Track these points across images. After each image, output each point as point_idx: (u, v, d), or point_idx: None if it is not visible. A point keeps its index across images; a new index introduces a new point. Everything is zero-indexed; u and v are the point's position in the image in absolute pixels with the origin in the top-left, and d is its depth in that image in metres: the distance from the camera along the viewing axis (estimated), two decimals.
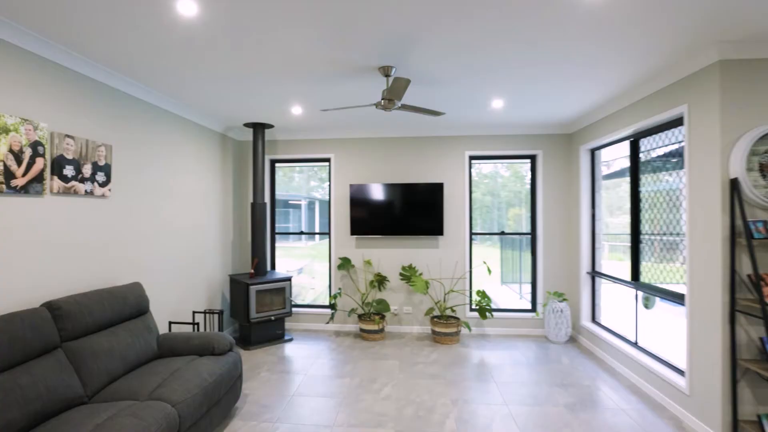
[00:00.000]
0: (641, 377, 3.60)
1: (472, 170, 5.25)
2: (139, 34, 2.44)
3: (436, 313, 5.14)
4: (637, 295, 3.91)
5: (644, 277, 3.84)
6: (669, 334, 3.88)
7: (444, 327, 4.69)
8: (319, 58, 2.84)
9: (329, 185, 5.34)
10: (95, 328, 2.64)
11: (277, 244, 5.59)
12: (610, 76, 3.21)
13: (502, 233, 5.24)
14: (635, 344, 3.89)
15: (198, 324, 3.63)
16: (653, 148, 3.73)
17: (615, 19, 2.29)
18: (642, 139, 3.87)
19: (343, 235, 5.30)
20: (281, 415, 3.11)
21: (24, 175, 2.40)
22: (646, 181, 3.83)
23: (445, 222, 5.14)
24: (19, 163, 2.37)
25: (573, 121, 4.72)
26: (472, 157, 5.22)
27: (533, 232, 5.18)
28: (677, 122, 3.26)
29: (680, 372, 3.26)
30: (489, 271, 4.77)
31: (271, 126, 4.86)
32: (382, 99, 3.07)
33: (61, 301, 2.48)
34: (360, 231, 5.13)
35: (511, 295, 6.01)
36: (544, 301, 5.06)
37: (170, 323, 3.65)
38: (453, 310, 4.95)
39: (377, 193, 5.09)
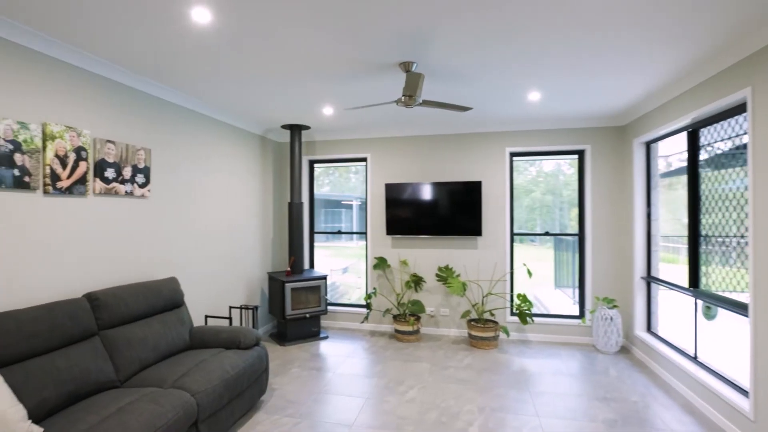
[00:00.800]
0: (699, 396, 3.25)
1: (517, 168, 5.04)
2: (168, 44, 2.61)
3: (474, 316, 4.99)
4: (696, 304, 3.52)
5: (706, 284, 3.45)
6: (733, 349, 3.46)
7: (481, 331, 4.54)
8: (338, 58, 2.87)
9: (366, 185, 5.39)
10: (130, 318, 2.87)
11: (328, 244, 5.75)
12: (665, 57, 2.88)
13: (546, 234, 4.96)
14: (694, 358, 3.51)
15: (231, 318, 3.81)
16: (716, 140, 3.34)
17: None
18: (702, 130, 3.48)
19: (380, 235, 5.31)
20: (304, 411, 3.18)
21: (68, 177, 2.67)
22: (708, 177, 3.44)
23: (483, 222, 4.98)
24: (64, 166, 2.64)
25: (624, 111, 4.36)
26: (513, 154, 5.01)
27: (581, 233, 4.85)
28: (740, 109, 2.90)
29: (744, 392, 2.89)
30: (529, 273, 4.54)
31: (307, 127, 5.00)
32: (402, 96, 3.04)
33: (99, 292, 2.73)
34: (396, 231, 5.11)
35: (565, 300, 5.68)
36: (592, 307, 4.73)
37: (206, 317, 3.89)
38: (492, 314, 4.77)
39: (413, 192, 5.05)
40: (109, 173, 2.97)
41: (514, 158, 5.03)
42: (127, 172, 3.12)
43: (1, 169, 2.28)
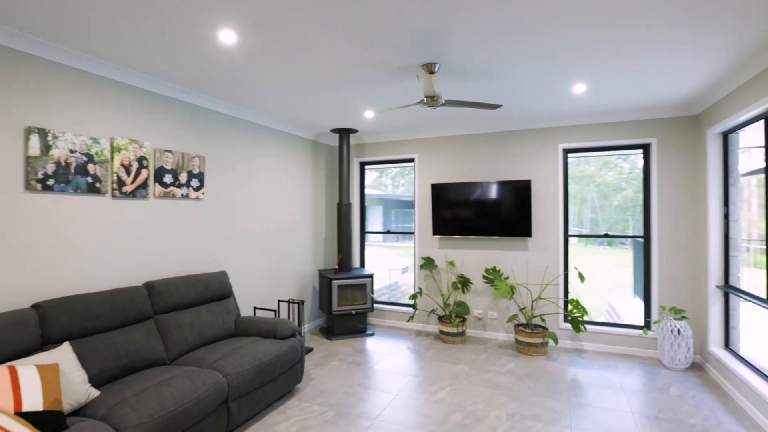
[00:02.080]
0: None
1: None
2: (206, 62, 3.02)
3: (522, 320, 4.87)
4: None
5: None
6: None
7: (528, 336, 4.43)
8: (363, 64, 3.05)
9: (414, 185, 5.52)
10: (181, 306, 3.35)
11: (397, 244, 6.00)
12: (739, 30, 2.54)
13: (606, 235, 4.66)
14: None
15: (276, 311, 4.21)
16: None
17: None
18: None
19: (427, 235, 5.41)
20: (334, 401, 3.43)
21: (132, 183, 3.21)
22: None
23: (533, 222, 4.83)
24: (128, 173, 3.18)
25: (696, 98, 3.96)
26: (567, 151, 4.79)
27: (646, 235, 4.49)
28: None
29: None
30: (581, 278, 4.32)
31: (355, 131, 5.27)
32: (424, 97, 3.15)
33: (156, 282, 3.24)
34: (442, 231, 5.17)
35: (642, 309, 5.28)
36: (657, 317, 4.36)
37: (255, 308, 4.33)
38: (542, 319, 4.62)
39: (459, 192, 5.06)
40: (167, 178, 3.49)
41: (569, 155, 4.81)
42: (183, 177, 3.63)
43: (78, 178, 2.84)
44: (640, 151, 4.53)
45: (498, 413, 3.25)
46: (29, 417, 1.91)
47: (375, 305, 5.77)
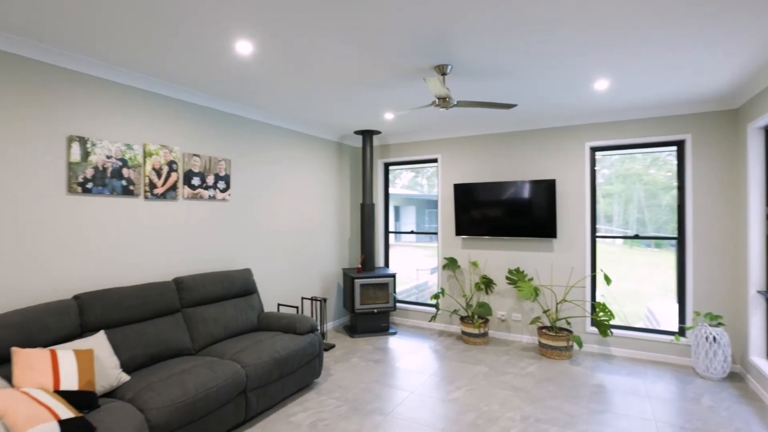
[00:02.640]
0: None
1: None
2: (228, 70, 3.26)
3: (546, 323, 4.83)
4: None
5: None
6: None
7: (551, 339, 4.40)
8: (376, 67, 3.18)
9: (437, 185, 5.58)
10: (207, 300, 3.62)
11: (431, 245, 6.13)
12: None
13: (636, 237, 4.53)
14: None
15: (298, 308, 4.42)
16: None
17: None
18: None
19: (450, 236, 5.46)
20: (350, 396, 3.59)
21: (163, 185, 3.51)
22: None
23: (558, 223, 4.78)
24: (159, 177, 3.48)
25: (734, 91, 3.79)
26: (594, 149, 4.69)
27: (680, 236, 4.33)
28: None
29: None
30: (608, 280, 4.24)
31: (378, 132, 5.41)
32: (436, 98, 3.23)
33: (184, 277, 3.53)
34: (465, 231, 5.21)
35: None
36: (692, 323, 4.19)
37: (279, 305, 4.56)
38: (568, 323, 4.57)
39: (482, 192, 5.09)
40: (195, 181, 3.78)
41: (597, 153, 4.71)
42: (210, 180, 3.91)
43: (113, 181, 3.16)
44: (674, 148, 4.37)
45: (512, 415, 3.29)
46: (65, 395, 2.19)
47: (398, 305, 5.90)
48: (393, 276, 5.23)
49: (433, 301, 5.76)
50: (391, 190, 6.14)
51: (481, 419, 3.22)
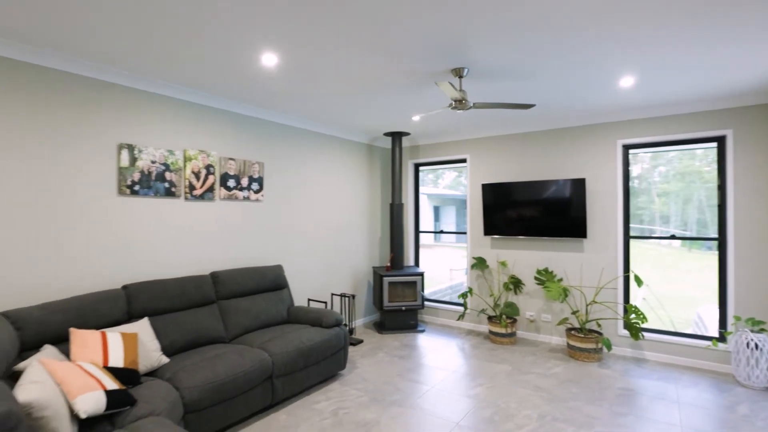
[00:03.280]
0: None
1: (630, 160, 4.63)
2: (257, 81, 3.58)
3: (576, 324, 4.81)
4: None
5: None
6: None
7: (579, 341, 4.40)
8: (398, 72, 3.37)
9: (466, 185, 5.68)
10: (241, 293, 3.97)
11: (464, 245, 6.27)
12: None
13: (673, 237, 4.42)
14: None
15: (326, 303, 4.70)
16: None
17: None
18: None
19: (478, 236, 5.55)
20: (372, 388, 3.81)
21: (201, 187, 3.89)
22: None
23: (589, 222, 4.75)
24: (197, 179, 3.86)
25: None
26: (627, 147, 4.62)
27: (721, 237, 4.19)
28: None
29: None
30: (639, 282, 4.18)
31: (407, 133, 5.60)
32: (452, 101, 3.38)
33: (220, 272, 3.89)
34: (493, 231, 5.29)
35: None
36: (732, 329, 4.05)
37: (309, 300, 4.86)
38: (598, 324, 4.54)
39: (510, 191, 5.14)
40: (231, 183, 4.14)
41: (631, 151, 4.63)
42: (244, 182, 4.27)
43: (157, 183, 3.56)
44: (714, 144, 4.23)
45: (529, 413, 3.37)
46: (112, 370, 2.56)
47: (427, 303, 6.06)
48: (421, 274, 5.40)
49: (461, 300, 5.87)
50: (433, 190, 6.31)
51: (498, 415, 3.33)
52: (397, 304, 5.33)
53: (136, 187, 3.42)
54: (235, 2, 2.28)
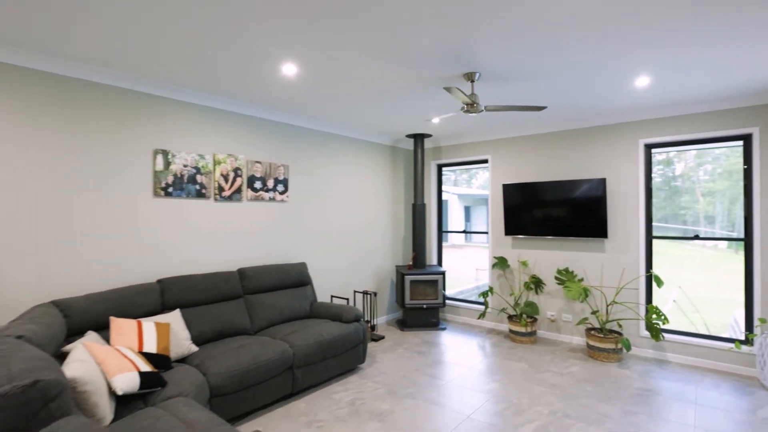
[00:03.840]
0: None
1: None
2: (281, 88, 3.82)
3: (596, 324, 4.79)
4: None
5: None
6: None
7: (599, 341, 4.40)
8: (412, 78, 3.53)
9: (489, 186, 5.74)
10: (266, 289, 4.22)
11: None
12: None
13: (696, 237, 4.34)
14: None
15: (348, 299, 4.90)
16: None
17: None
18: None
19: (500, 235, 5.61)
20: (389, 381, 3.97)
21: (229, 189, 4.17)
22: None
23: (609, 222, 4.73)
24: (226, 181, 4.15)
25: None
26: (649, 146, 4.57)
27: (747, 237, 4.09)
28: None
29: None
30: (659, 282, 4.15)
31: (429, 135, 5.73)
32: (463, 104, 3.50)
33: (246, 268, 4.16)
34: (514, 231, 5.34)
35: None
36: (757, 331, 3.95)
37: (332, 296, 5.08)
38: (619, 325, 4.52)
39: (530, 192, 5.18)
40: (257, 184, 4.41)
41: (653, 150, 4.58)
42: (270, 183, 4.53)
43: (189, 186, 3.87)
44: (739, 143, 4.14)
45: (540, 409, 3.45)
46: (146, 355, 2.84)
47: (449, 302, 6.16)
48: (442, 273, 5.52)
49: (482, 299, 5.94)
50: (465, 190, 6.41)
51: (509, 410, 3.43)
52: (418, 302, 5.47)
53: (170, 189, 3.73)
54: (259, 20, 2.50)
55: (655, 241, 4.59)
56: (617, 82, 3.61)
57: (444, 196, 9.27)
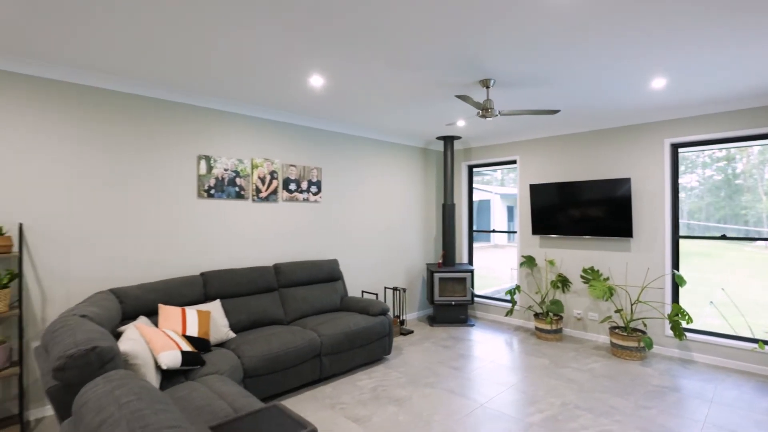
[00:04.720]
0: None
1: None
2: (309, 97, 4.16)
3: (620, 323, 4.78)
4: None
5: None
6: None
7: (622, 339, 4.42)
8: (431, 85, 3.74)
9: (518, 186, 5.83)
10: (299, 283, 4.58)
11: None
12: None
13: (723, 237, 4.25)
14: None
15: (377, 295, 5.17)
16: None
17: None
18: None
19: (527, 235, 5.69)
20: (412, 371, 4.21)
21: (266, 190, 4.56)
22: None
23: (635, 222, 4.71)
24: (263, 183, 4.53)
25: None
26: (676, 146, 4.51)
27: None
28: None
29: None
30: (681, 281, 4.11)
31: (458, 137, 5.90)
32: (478, 110, 3.67)
33: (281, 264, 4.53)
34: (541, 230, 5.41)
35: None
36: None
37: (363, 291, 5.37)
38: (644, 324, 4.51)
39: (557, 192, 5.23)
40: (292, 186, 4.78)
41: (680, 149, 4.52)
42: (304, 185, 4.88)
43: (229, 188, 4.28)
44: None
45: (553, 401, 3.57)
46: (188, 338, 3.25)
47: (477, 299, 6.30)
48: (471, 271, 5.68)
49: (510, 298, 6.04)
50: (506, 190, 6.51)
51: (522, 401, 3.57)
52: (447, 298, 5.67)
53: (212, 191, 4.16)
54: (288, 38, 2.83)
55: (710, 243, 4.51)
56: (636, 83, 3.64)
57: (486, 196, 9.38)
